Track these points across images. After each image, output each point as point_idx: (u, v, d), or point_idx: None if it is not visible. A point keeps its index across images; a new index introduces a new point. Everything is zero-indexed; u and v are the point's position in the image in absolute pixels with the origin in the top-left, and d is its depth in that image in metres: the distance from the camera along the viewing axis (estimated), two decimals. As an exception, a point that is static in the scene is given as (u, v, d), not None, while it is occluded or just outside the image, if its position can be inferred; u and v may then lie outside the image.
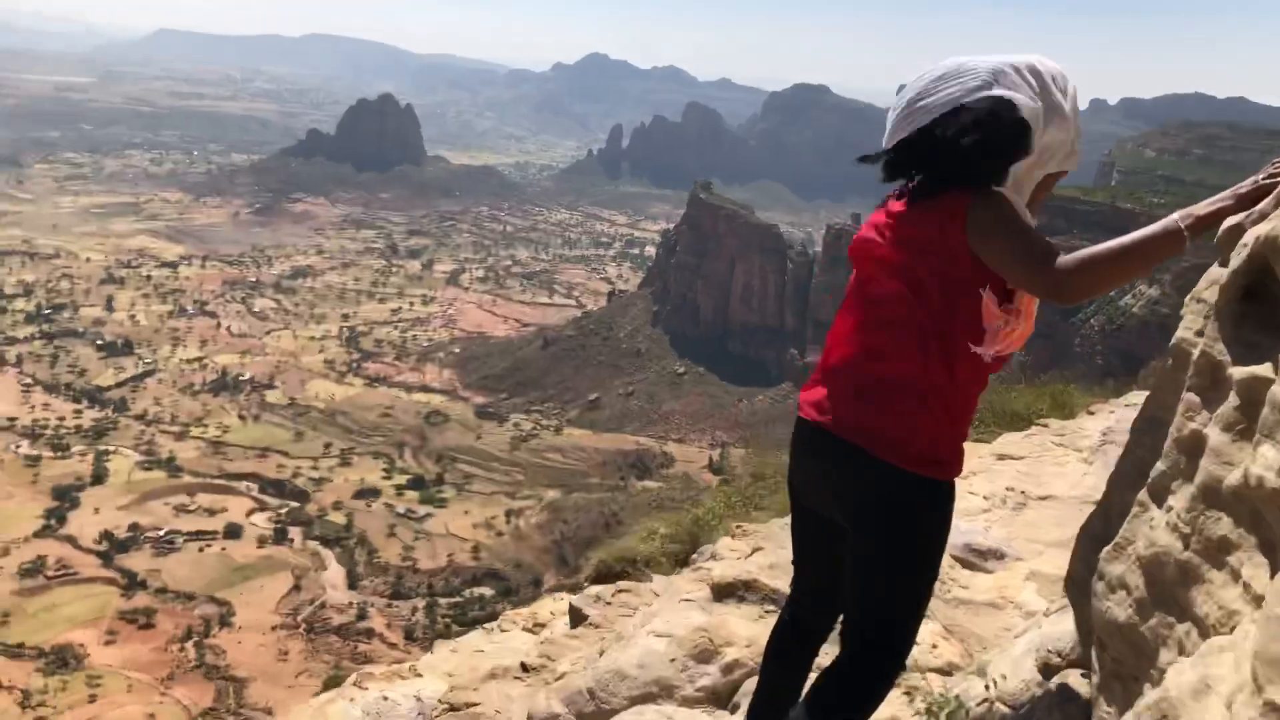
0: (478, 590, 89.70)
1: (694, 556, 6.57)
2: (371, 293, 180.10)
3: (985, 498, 6.20)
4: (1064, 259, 2.39)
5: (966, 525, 5.51)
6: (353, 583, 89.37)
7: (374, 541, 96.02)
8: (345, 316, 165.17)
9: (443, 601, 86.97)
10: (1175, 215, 2.38)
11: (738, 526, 6.16)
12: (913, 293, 2.65)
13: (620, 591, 5.82)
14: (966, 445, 2.83)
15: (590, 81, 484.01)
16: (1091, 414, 8.22)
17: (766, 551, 5.62)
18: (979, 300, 2.60)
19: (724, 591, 5.10)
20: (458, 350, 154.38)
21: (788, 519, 6.23)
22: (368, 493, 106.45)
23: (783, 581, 4.81)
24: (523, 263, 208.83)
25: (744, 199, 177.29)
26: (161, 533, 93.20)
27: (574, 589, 7.78)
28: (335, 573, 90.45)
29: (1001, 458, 7.14)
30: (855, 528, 2.78)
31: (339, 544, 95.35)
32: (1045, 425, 8.26)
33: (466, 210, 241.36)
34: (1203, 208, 2.39)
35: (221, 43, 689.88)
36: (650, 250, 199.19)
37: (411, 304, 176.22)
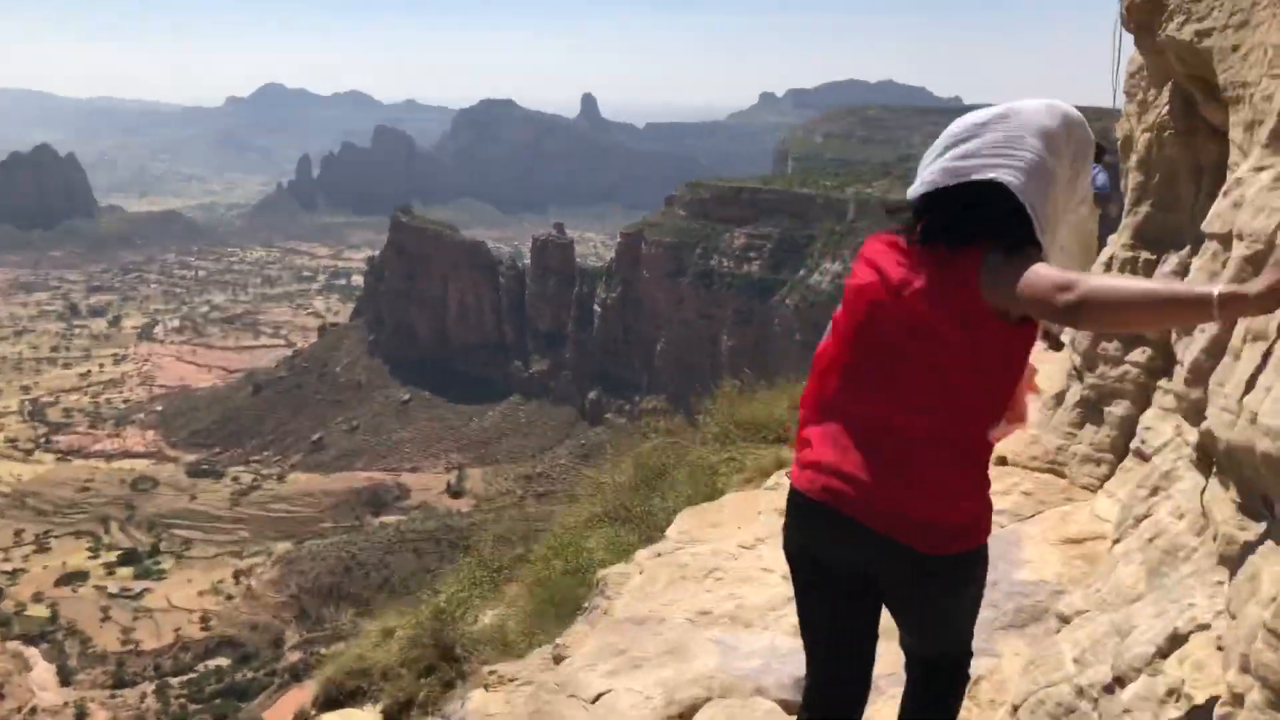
0: (213, 662, 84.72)
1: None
2: (54, 359, 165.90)
3: (785, 578, 4.98)
4: (1085, 279, 2.19)
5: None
6: (66, 679, 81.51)
7: (86, 630, 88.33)
8: (25, 389, 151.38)
9: (174, 681, 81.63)
10: (1217, 287, 2.01)
11: (491, 672, 4.83)
12: (956, 343, 2.39)
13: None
14: (746, 501, 2.63)
15: (269, 113, 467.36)
16: None
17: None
18: (1012, 355, 2.43)
19: None
20: (160, 408, 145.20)
21: (548, 647, 4.91)
22: (73, 577, 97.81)
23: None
24: (221, 307, 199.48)
25: (446, 218, 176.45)
26: None
27: (301, 718, 6.32)
28: (44, 672, 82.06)
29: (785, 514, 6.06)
30: (911, 603, 2.64)
31: (45, 639, 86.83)
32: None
33: (152, 259, 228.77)
34: (1253, 287, 2.00)
35: None
36: (357, 279, 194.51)
37: (102, 365, 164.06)
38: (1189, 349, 3.02)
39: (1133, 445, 5.20)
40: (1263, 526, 2.43)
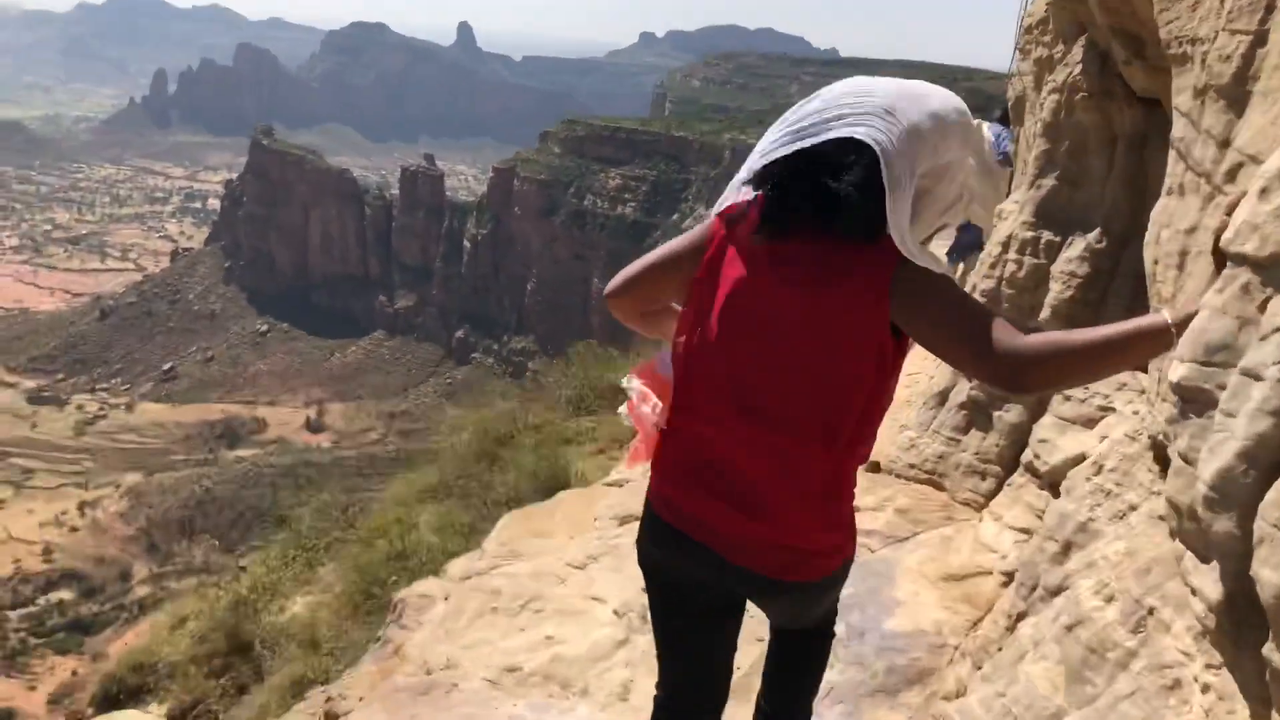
0: (55, 595, 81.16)
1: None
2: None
3: (617, 613, 4.31)
4: (1028, 341, 1.80)
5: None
6: (-104, 614, 77.13)
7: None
8: None
9: (13, 615, 77.56)
10: (1165, 312, 1.83)
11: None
12: (849, 358, 1.99)
13: None
14: (582, 501, 2.41)
15: (124, 22, 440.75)
16: None
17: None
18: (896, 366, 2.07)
19: None
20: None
21: (321, 695, 4.49)
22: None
23: None
24: (65, 226, 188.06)
25: (311, 143, 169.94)
26: None
27: (75, 717, 5.79)
28: None
29: (624, 521, 5.29)
30: (785, 629, 2.48)
31: None
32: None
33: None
34: (1193, 306, 1.98)
35: None
36: (214, 203, 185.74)
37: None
38: (1213, 448, 1.90)
39: (1024, 458, 4.59)
40: None
